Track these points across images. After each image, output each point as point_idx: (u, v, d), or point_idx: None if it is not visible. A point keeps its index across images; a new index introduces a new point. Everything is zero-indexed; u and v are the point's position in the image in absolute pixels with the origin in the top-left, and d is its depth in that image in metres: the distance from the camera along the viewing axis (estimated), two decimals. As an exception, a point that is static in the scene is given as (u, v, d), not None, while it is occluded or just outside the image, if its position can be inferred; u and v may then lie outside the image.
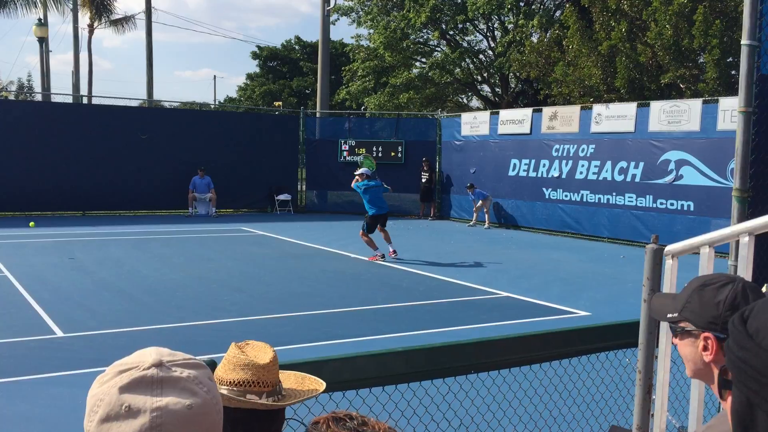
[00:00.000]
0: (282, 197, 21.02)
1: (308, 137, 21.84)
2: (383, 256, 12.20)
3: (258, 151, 20.71)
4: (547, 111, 17.50)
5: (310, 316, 8.10)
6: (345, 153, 21.22)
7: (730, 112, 13.23)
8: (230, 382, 1.53)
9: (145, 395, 0.93)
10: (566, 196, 16.78)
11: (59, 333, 7.01)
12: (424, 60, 29.69)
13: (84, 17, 33.96)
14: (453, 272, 11.19)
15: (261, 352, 1.61)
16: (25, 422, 4.69)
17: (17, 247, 12.79)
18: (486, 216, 18.52)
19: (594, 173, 16.10)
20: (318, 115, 24.24)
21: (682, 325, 1.50)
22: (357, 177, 12.26)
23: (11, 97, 50.75)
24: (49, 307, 8.00)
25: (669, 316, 1.53)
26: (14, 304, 8.19)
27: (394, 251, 12.35)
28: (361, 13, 29.44)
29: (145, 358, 0.98)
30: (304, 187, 22.08)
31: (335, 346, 6.61)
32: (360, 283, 10.21)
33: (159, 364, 0.97)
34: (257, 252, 13.09)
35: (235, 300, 8.80)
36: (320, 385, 1.71)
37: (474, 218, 18.83)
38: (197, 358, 1.05)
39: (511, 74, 28.10)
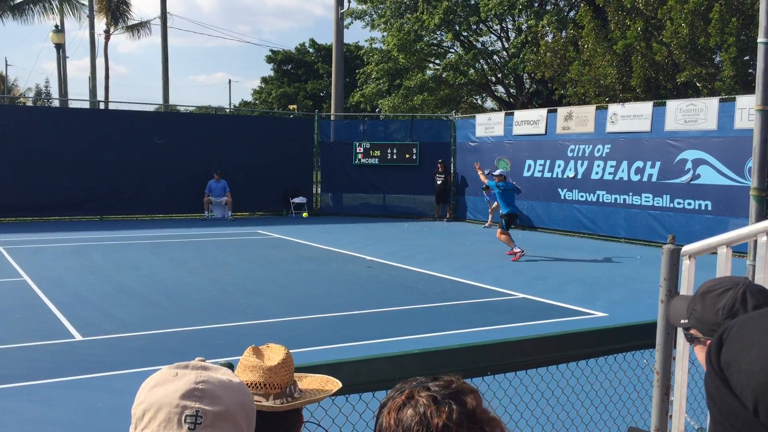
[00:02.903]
0: (297, 200, 21.08)
1: (323, 140, 21.89)
2: (523, 252, 12.81)
3: (273, 154, 20.79)
4: (562, 111, 17.43)
5: (326, 318, 8.11)
6: (360, 155, 21.25)
7: (748, 110, 13.11)
8: None
9: (193, 369, 1.07)
10: (582, 196, 16.70)
11: (78, 337, 7.07)
12: (438, 61, 29.67)
13: (100, 23, 34.29)
14: (469, 274, 11.17)
15: (273, 354, 1.63)
16: (44, 425, 4.74)
17: (36, 251, 12.91)
18: (501, 217, 18.45)
19: (610, 173, 16.01)
20: (332, 117, 24.30)
21: (691, 332, 1.48)
22: (495, 177, 13.07)
23: (29, 103, 51.28)
24: (67, 311, 8.08)
25: (682, 322, 1.51)
26: (33, 308, 8.27)
27: (522, 251, 12.88)
28: (374, 16, 29.47)
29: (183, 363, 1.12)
30: (319, 189, 22.13)
31: (352, 348, 6.62)
32: (376, 285, 10.22)
33: (203, 362, 1.11)
34: (273, 255, 13.13)
35: (251, 303, 8.84)
36: (335, 385, 1.72)
37: (489, 219, 18.79)
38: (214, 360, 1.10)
39: (526, 75, 28.02)
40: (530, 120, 18.22)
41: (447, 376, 1.26)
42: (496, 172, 13.29)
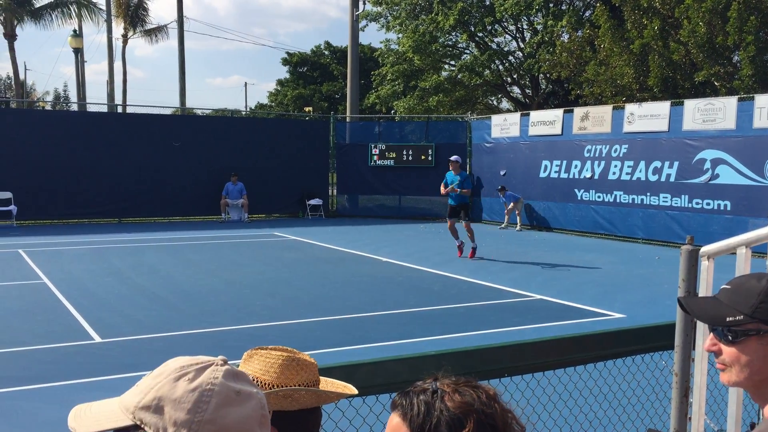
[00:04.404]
0: (313, 202, 21.13)
1: (338, 142, 21.94)
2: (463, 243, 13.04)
3: (289, 156, 20.86)
4: (578, 111, 17.35)
5: (341, 320, 8.12)
6: (375, 157, 21.27)
7: (767, 109, 12.98)
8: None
9: (243, 383, 1.05)
10: (599, 197, 16.60)
11: (97, 338, 7.13)
12: (453, 63, 29.62)
13: (118, 27, 34.59)
14: (485, 275, 11.14)
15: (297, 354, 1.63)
16: (64, 427, 4.76)
17: (55, 254, 13.04)
18: (518, 218, 18.41)
19: (627, 173, 15.91)
20: (348, 119, 24.34)
21: (750, 326, 1.43)
22: (453, 164, 13.09)
23: (48, 107, 51.79)
24: (86, 313, 8.15)
25: (730, 319, 1.46)
26: (53, 310, 8.35)
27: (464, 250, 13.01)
28: (389, 17, 29.48)
29: (207, 357, 1.07)
30: (335, 191, 22.17)
31: (367, 350, 6.62)
32: (391, 287, 10.22)
33: (226, 362, 1.08)
34: (289, 257, 13.17)
35: (267, 304, 8.87)
36: (351, 391, 1.71)
37: (505, 221, 18.73)
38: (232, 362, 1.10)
39: (542, 75, 27.91)
40: (546, 120, 18.14)
41: (431, 376, 1.31)
42: (453, 158, 13.24)
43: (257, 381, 1.53)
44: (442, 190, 13.05)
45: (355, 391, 1.70)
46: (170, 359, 1.06)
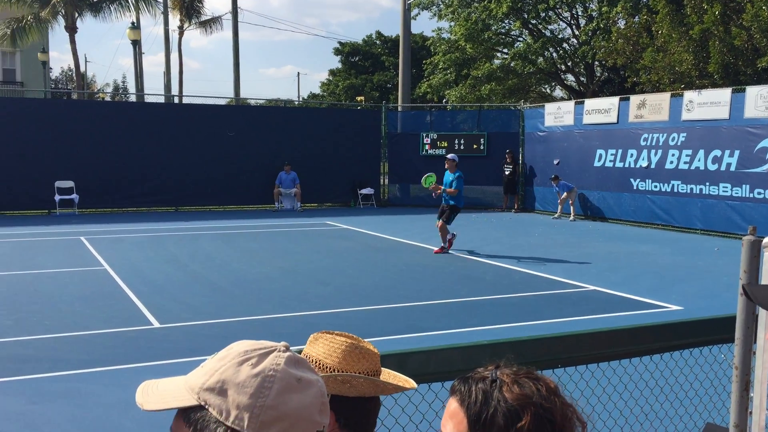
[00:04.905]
0: (365, 191, 21.22)
1: (390, 131, 21.96)
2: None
3: (341, 145, 20.98)
4: (634, 99, 16.98)
5: (394, 308, 8.16)
6: (427, 146, 21.23)
7: (835, 95, 12.49)
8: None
9: (303, 369, 1.06)
10: (656, 186, 16.25)
11: (155, 324, 7.33)
12: (506, 51, 29.30)
13: (174, 19, 35.24)
14: (537, 265, 11.04)
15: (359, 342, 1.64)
16: (126, 409, 4.93)
17: (115, 242, 13.42)
18: (571, 208, 18.16)
19: (685, 162, 15.52)
20: (399, 109, 24.33)
21: None
22: (450, 162, 12.37)
23: (107, 98, 53.20)
24: (145, 299, 8.38)
25: None
26: (114, 296, 8.61)
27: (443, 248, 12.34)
28: (441, 6, 29.30)
29: (270, 343, 1.09)
30: (386, 180, 22.22)
31: (420, 339, 6.65)
32: (443, 276, 10.21)
33: (288, 348, 1.09)
34: (341, 245, 13.28)
35: (320, 293, 8.97)
36: (411, 385, 1.70)
37: (559, 210, 18.50)
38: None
39: (597, 62, 27.38)
40: (601, 109, 17.81)
41: (491, 364, 1.30)
42: (450, 156, 12.49)
43: (319, 364, 1.57)
44: (427, 186, 12.26)
45: (415, 386, 1.70)
46: (234, 342, 1.08)
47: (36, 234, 14.40)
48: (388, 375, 1.68)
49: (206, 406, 1.01)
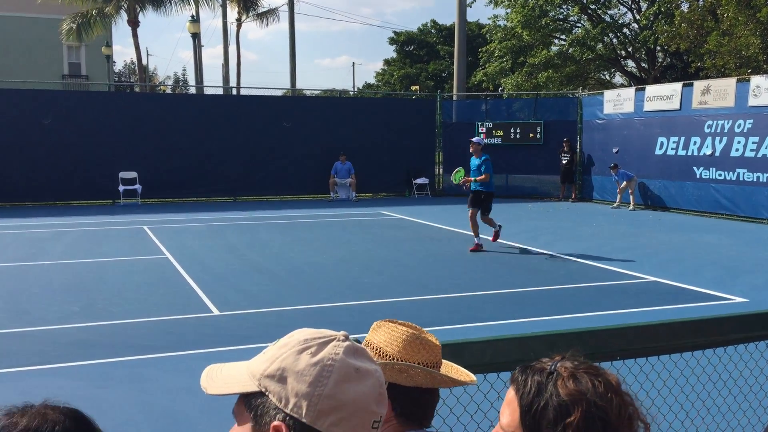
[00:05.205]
0: (420, 181, 21.19)
1: (445, 120, 21.85)
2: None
3: (396, 135, 20.99)
4: (698, 85, 16.48)
5: (449, 298, 8.15)
6: (482, 135, 21.05)
7: None
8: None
9: (361, 360, 1.06)
10: (720, 175, 15.75)
11: (215, 311, 7.49)
12: (563, 37, 28.77)
13: (232, 12, 35.74)
14: (596, 256, 10.85)
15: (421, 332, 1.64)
16: (186, 394, 5.06)
17: (176, 231, 13.74)
18: (631, 197, 17.77)
19: (752, 150, 14.99)
20: (455, 98, 24.17)
21: None
22: (475, 145, 11.50)
23: (168, 90, 54.38)
24: (205, 287, 8.56)
25: None
26: (175, 284, 8.83)
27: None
28: (497, -8, 28.94)
29: (330, 332, 1.09)
30: (441, 170, 22.13)
31: (475, 329, 6.62)
32: (499, 267, 10.14)
33: (347, 337, 1.09)
34: (396, 235, 13.30)
35: (375, 282, 9.01)
36: (470, 378, 1.69)
37: (618, 200, 18.13)
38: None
39: (659, 47, 26.65)
40: (663, 95, 17.34)
41: (558, 355, 1.29)
42: (475, 139, 11.58)
43: (380, 351, 1.58)
44: (458, 182, 11.52)
45: (474, 381, 1.69)
46: (296, 330, 1.10)
47: (101, 223, 14.86)
48: (450, 368, 1.68)
49: (266, 393, 1.03)
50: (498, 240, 11.78)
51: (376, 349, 1.59)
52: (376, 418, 1.04)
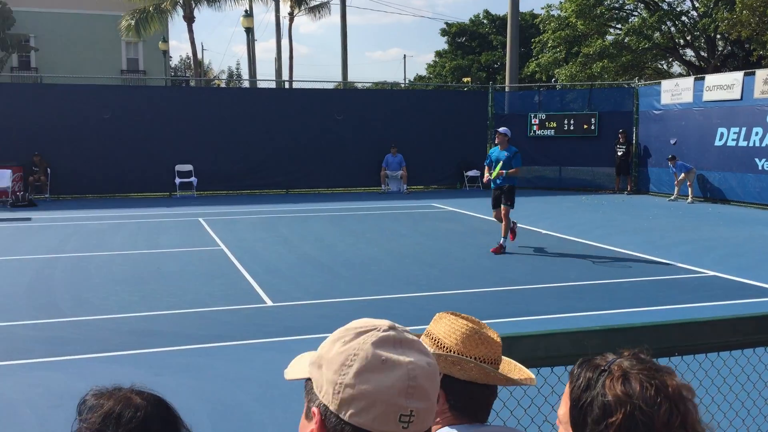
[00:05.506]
0: (471, 173, 21.06)
1: (497, 112, 21.65)
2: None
3: (447, 127, 20.89)
4: (761, 74, 15.94)
5: (501, 291, 8.10)
6: (535, 127, 20.80)
7: None
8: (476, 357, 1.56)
9: (396, 352, 1.03)
10: (784, 166, 15.23)
11: (268, 302, 7.60)
12: (619, 26, 28.17)
13: (285, 6, 36.05)
14: (652, 249, 10.62)
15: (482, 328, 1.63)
16: (243, 382, 5.16)
17: (230, 223, 13.98)
18: (689, 189, 17.33)
19: (818, 141, 14.45)
20: (507, 89, 23.91)
21: None
22: (501, 136, 10.79)
23: (222, 84, 55.23)
24: (259, 278, 8.70)
25: None
26: (230, 275, 8.99)
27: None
28: (551, -19, 28.50)
29: (377, 322, 1.08)
30: (493, 162, 21.93)
31: (527, 323, 6.57)
32: (551, 259, 10.02)
33: (393, 328, 1.07)
34: (448, 228, 13.26)
35: (427, 274, 9.01)
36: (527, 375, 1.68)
37: (675, 192, 17.70)
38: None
39: (719, 36, 25.86)
40: (723, 84, 16.84)
41: (627, 350, 1.28)
42: (501, 130, 10.80)
43: (438, 342, 1.59)
44: (485, 176, 10.85)
45: (534, 382, 1.68)
46: (355, 319, 1.12)
47: (158, 215, 15.21)
48: (511, 367, 1.67)
49: (312, 379, 1.07)
50: (503, 248, 10.54)
51: (435, 340, 1.60)
52: (404, 412, 1.01)
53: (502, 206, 10.57)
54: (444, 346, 1.57)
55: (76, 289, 8.18)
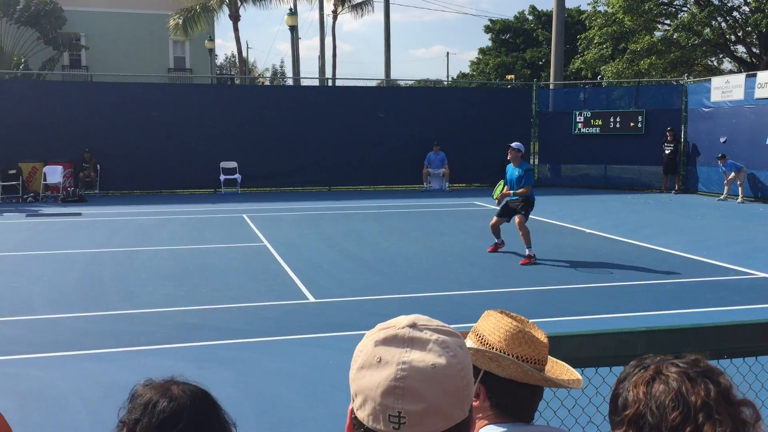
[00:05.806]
0: (514, 171, 20.86)
1: (541, 110, 21.42)
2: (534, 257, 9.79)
3: (490, 125, 20.74)
4: (816, 70, 15.46)
5: (544, 291, 8.02)
6: (579, 125, 20.52)
7: None
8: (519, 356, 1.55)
9: (396, 350, 1.03)
10: (840, 166, 14.75)
11: (311, 299, 7.66)
12: (668, 22, 27.61)
13: (328, 4, 36.22)
14: (700, 250, 10.39)
15: (528, 328, 1.61)
16: (285, 377, 5.22)
17: (273, 219, 14.12)
18: (739, 189, 16.90)
19: None
20: (551, 86, 23.65)
21: None
22: (514, 151, 9.92)
23: (267, 82, 55.79)
24: (301, 275, 8.77)
25: None
26: (273, 271, 9.09)
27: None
28: (598, -23, 28.08)
29: (402, 319, 1.09)
30: (536, 160, 21.73)
31: (571, 322, 6.50)
32: (596, 259, 9.88)
33: (413, 326, 1.06)
34: (489, 226, 13.15)
35: (467, 272, 8.98)
36: (574, 377, 1.66)
37: (725, 191, 17.28)
38: (452, 326, 1.11)
39: (772, 31, 25.15)
40: (777, 81, 16.37)
41: (691, 354, 1.29)
42: (514, 145, 9.92)
43: (482, 339, 1.59)
44: (497, 197, 10.15)
45: (580, 384, 1.65)
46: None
47: (203, 211, 15.45)
48: (559, 368, 1.65)
49: None
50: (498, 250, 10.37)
51: (480, 337, 1.60)
52: (392, 413, 0.99)
53: (516, 216, 9.79)
54: (487, 343, 1.57)
55: (124, 282, 8.36)
